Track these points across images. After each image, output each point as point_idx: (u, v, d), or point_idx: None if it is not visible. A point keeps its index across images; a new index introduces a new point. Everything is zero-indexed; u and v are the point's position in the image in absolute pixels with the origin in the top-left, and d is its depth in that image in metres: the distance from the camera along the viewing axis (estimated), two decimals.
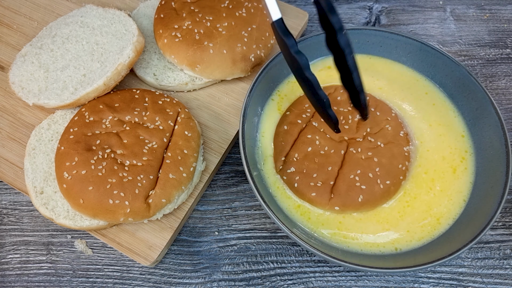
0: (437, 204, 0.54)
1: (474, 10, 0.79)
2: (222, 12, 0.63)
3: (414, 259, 0.49)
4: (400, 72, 0.63)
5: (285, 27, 0.45)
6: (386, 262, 0.50)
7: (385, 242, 0.52)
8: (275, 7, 0.45)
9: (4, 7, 0.73)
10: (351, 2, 0.80)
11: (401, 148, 0.56)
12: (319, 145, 0.55)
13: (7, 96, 0.64)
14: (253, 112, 0.58)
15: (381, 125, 0.57)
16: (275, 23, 0.45)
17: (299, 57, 0.45)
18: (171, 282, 0.56)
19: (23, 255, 0.57)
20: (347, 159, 0.55)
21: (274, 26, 0.46)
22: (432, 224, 0.53)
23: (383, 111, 0.58)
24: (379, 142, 0.56)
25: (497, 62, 0.74)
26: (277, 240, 0.59)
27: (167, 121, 0.57)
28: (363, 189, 0.53)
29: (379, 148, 0.56)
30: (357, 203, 0.53)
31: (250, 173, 0.52)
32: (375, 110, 0.58)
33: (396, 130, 0.57)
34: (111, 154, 0.53)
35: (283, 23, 0.46)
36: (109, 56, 0.59)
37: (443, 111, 0.60)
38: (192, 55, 0.61)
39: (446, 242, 0.51)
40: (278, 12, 0.45)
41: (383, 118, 0.58)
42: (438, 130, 0.59)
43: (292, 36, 0.45)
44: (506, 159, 0.53)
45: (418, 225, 0.53)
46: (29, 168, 0.56)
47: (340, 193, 0.53)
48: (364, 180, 0.53)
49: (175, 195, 0.54)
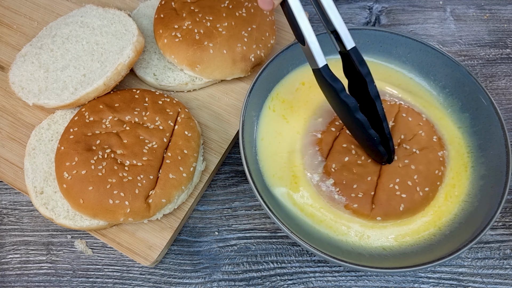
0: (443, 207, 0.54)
1: (474, 10, 0.79)
2: (222, 12, 0.63)
3: (414, 259, 0.49)
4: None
5: (332, 72, 0.47)
6: (386, 262, 0.50)
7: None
8: (321, 54, 0.46)
9: (4, 7, 0.73)
10: (351, 2, 0.80)
11: (435, 153, 0.55)
12: (355, 155, 0.55)
13: (7, 96, 0.64)
14: (253, 112, 0.58)
15: (414, 131, 0.56)
16: (321, 70, 0.46)
17: (349, 101, 0.47)
18: (171, 282, 0.56)
19: (23, 255, 0.57)
20: (384, 168, 0.54)
21: (321, 72, 0.47)
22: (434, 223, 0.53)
23: (413, 116, 0.58)
24: (414, 149, 0.55)
25: (497, 62, 0.74)
26: (277, 240, 0.59)
27: (167, 121, 0.57)
28: (404, 197, 0.53)
29: (415, 155, 0.55)
30: (399, 212, 0.52)
31: (250, 173, 0.52)
32: (406, 115, 0.58)
33: (429, 135, 0.56)
34: (111, 154, 0.53)
35: (329, 68, 0.47)
36: (109, 56, 0.59)
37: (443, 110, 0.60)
38: (192, 55, 0.61)
39: (446, 242, 0.51)
40: (324, 59, 0.46)
41: (415, 123, 0.57)
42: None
43: (339, 80, 0.47)
44: (506, 159, 0.53)
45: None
46: (29, 168, 0.56)
47: (382, 203, 0.52)
48: (404, 188, 0.53)
49: (175, 195, 0.54)
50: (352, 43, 0.47)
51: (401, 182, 0.53)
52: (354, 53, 0.47)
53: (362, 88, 0.49)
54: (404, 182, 0.53)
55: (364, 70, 0.47)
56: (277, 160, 0.57)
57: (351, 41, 0.47)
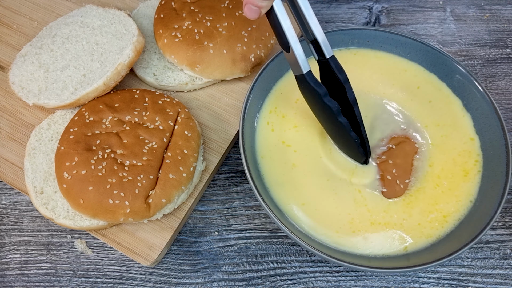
0: (445, 202, 0.55)
1: (474, 10, 0.79)
2: (222, 12, 0.63)
3: (414, 259, 0.49)
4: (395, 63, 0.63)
5: (315, 78, 0.48)
6: (386, 262, 0.50)
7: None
8: (305, 60, 0.48)
9: (4, 7, 0.73)
10: (351, 2, 0.80)
11: (413, 145, 0.57)
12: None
13: (7, 96, 0.64)
14: (253, 112, 0.58)
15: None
16: (305, 75, 0.48)
17: (332, 104, 0.49)
18: (171, 282, 0.56)
19: (23, 255, 0.57)
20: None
21: (305, 78, 0.48)
22: (439, 221, 0.53)
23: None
24: (390, 145, 0.57)
25: (497, 62, 0.74)
26: (277, 240, 0.59)
27: (167, 121, 0.57)
28: (385, 192, 0.54)
29: (392, 150, 0.57)
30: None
31: (250, 173, 0.52)
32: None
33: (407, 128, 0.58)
34: (111, 154, 0.53)
35: (313, 74, 0.48)
36: (109, 56, 0.59)
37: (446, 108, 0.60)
38: (192, 55, 0.61)
39: (446, 242, 0.51)
40: (308, 65, 0.48)
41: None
42: (444, 130, 0.59)
43: (322, 85, 0.49)
44: (506, 159, 0.53)
45: (426, 219, 0.54)
46: (29, 168, 0.56)
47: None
48: (385, 183, 0.55)
49: (175, 195, 0.54)
50: (331, 52, 0.49)
51: (381, 178, 0.55)
52: (333, 61, 0.49)
53: (339, 94, 0.51)
54: (384, 178, 0.55)
55: (343, 77, 0.49)
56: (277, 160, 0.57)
57: (330, 50, 0.49)
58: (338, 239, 0.52)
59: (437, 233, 0.53)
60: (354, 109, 0.51)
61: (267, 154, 0.57)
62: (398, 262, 0.50)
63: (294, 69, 0.50)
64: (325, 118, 0.53)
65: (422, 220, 0.53)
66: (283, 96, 0.61)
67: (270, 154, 0.57)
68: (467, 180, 0.55)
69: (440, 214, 0.53)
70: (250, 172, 0.52)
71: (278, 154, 0.57)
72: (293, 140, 0.58)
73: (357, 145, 0.53)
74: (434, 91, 0.61)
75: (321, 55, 0.50)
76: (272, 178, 0.56)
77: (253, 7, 0.43)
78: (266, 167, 0.56)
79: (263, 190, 0.53)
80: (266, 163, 0.57)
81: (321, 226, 0.53)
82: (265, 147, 0.58)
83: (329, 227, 0.53)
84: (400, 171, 0.56)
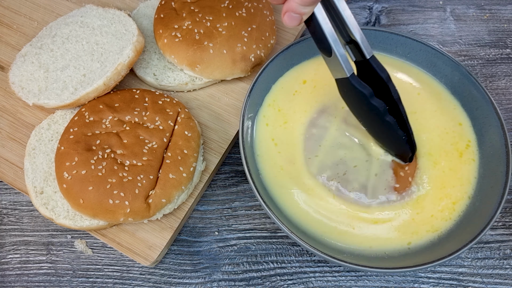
0: (451, 185, 0.55)
1: (474, 10, 0.79)
2: (222, 12, 0.63)
3: (414, 259, 0.49)
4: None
5: (359, 79, 0.48)
6: (386, 262, 0.50)
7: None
8: (348, 63, 0.47)
9: (4, 7, 0.73)
10: (351, 2, 0.80)
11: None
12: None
13: (7, 96, 0.64)
14: (253, 111, 0.58)
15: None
16: (350, 78, 0.48)
17: (379, 104, 0.49)
18: (171, 282, 0.56)
19: (23, 255, 0.57)
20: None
21: (349, 80, 0.48)
22: (449, 209, 0.54)
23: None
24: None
25: (497, 62, 0.74)
26: (277, 240, 0.59)
27: (167, 121, 0.57)
28: (397, 187, 0.55)
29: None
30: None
31: (250, 173, 0.52)
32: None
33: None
34: (111, 154, 0.53)
35: (356, 76, 0.48)
36: (109, 56, 0.59)
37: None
38: (192, 55, 0.61)
39: (446, 242, 0.51)
40: (351, 67, 0.48)
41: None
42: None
43: (367, 85, 0.48)
44: (506, 159, 0.53)
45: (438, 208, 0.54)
46: (29, 168, 0.56)
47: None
48: (398, 179, 0.56)
49: (175, 195, 0.54)
50: (371, 51, 0.49)
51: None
52: (374, 61, 0.49)
53: (381, 93, 0.50)
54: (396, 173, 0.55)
55: (385, 76, 0.49)
56: (278, 159, 0.57)
57: (370, 50, 0.49)
58: (339, 237, 0.52)
59: (445, 226, 0.53)
60: (399, 106, 0.51)
61: (262, 153, 0.57)
62: (398, 262, 0.50)
63: (335, 73, 0.49)
64: (371, 119, 0.52)
65: (435, 210, 0.53)
66: (283, 90, 0.61)
67: (263, 153, 0.57)
68: (463, 179, 0.56)
69: (450, 201, 0.54)
70: (250, 172, 0.52)
71: (269, 153, 0.57)
72: (279, 139, 0.58)
73: (404, 142, 0.53)
74: (433, 93, 0.61)
75: (360, 56, 0.49)
76: (269, 177, 0.56)
77: (294, 14, 0.42)
78: (263, 166, 0.56)
79: (263, 190, 0.53)
80: (262, 162, 0.57)
81: (321, 225, 0.53)
82: (260, 145, 0.57)
83: (329, 226, 0.53)
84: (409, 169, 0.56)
